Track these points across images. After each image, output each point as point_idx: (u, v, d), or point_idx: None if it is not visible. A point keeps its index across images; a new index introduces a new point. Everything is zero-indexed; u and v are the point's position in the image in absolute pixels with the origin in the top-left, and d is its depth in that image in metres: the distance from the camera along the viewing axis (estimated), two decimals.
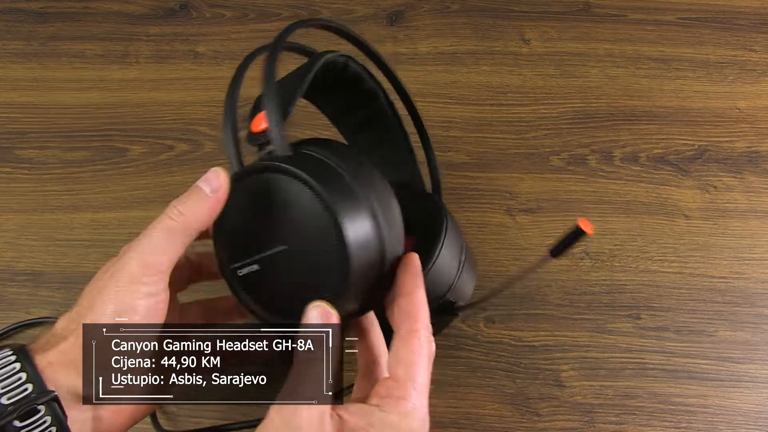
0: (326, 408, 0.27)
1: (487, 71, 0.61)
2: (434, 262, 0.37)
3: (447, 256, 0.37)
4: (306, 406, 0.27)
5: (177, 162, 0.55)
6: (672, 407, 0.45)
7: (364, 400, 0.29)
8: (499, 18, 0.64)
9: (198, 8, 0.65)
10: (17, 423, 0.25)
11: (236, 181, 0.30)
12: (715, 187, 0.54)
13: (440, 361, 0.45)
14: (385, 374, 0.33)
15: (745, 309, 0.49)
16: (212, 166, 0.54)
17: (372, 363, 0.33)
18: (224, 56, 0.61)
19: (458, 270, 0.38)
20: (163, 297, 0.29)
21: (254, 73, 0.33)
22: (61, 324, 0.28)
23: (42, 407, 0.26)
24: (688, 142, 0.57)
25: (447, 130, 0.57)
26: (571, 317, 0.48)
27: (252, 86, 0.34)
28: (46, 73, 0.60)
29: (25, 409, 0.25)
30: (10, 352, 0.27)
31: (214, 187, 0.30)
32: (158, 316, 0.29)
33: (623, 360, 0.46)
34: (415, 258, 0.31)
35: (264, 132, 0.30)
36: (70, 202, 0.53)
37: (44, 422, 0.26)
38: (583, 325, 0.48)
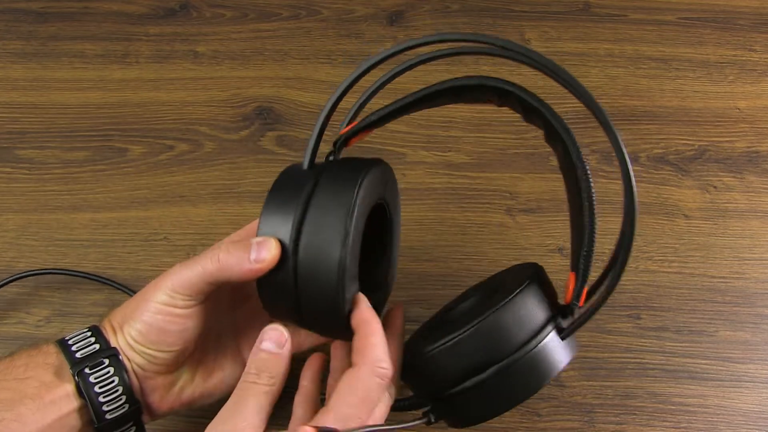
0: None
1: (487, 71, 0.61)
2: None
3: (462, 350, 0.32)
4: (239, 429, 0.29)
5: (177, 162, 0.55)
6: (672, 407, 0.45)
7: None
8: (499, 18, 0.64)
9: (198, 8, 0.65)
10: (87, 370, 0.32)
11: None
12: (715, 187, 0.54)
13: None
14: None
15: (745, 309, 0.49)
16: (212, 167, 0.54)
17: None
18: (224, 56, 0.61)
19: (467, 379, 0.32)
20: (185, 315, 0.34)
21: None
22: (117, 312, 0.35)
23: (106, 360, 0.32)
24: (688, 142, 0.57)
25: (447, 130, 0.57)
26: None
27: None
28: (46, 73, 0.60)
29: (93, 360, 0.32)
30: (86, 329, 0.34)
31: (259, 258, 0.31)
32: (180, 328, 0.34)
33: (623, 360, 0.46)
34: (360, 298, 0.33)
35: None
36: (70, 202, 0.53)
37: (108, 371, 0.32)
38: (583, 325, 0.48)
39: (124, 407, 0.32)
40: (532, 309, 0.33)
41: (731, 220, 0.53)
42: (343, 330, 0.32)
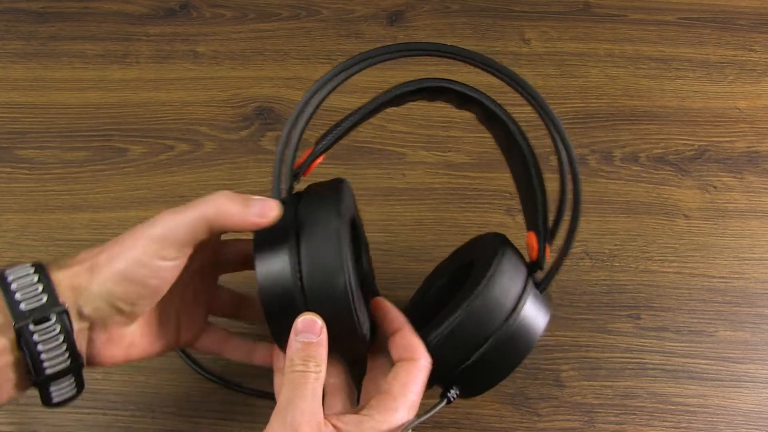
0: (322, 418, 0.31)
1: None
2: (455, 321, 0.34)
3: (471, 320, 0.34)
4: (306, 416, 0.30)
5: (177, 162, 0.55)
6: (672, 407, 0.45)
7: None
8: (499, 18, 0.64)
9: (198, 8, 0.65)
10: (32, 327, 0.29)
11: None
12: (715, 187, 0.54)
13: None
14: (354, 392, 0.37)
15: (745, 309, 0.49)
16: (212, 167, 0.54)
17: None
18: (224, 56, 0.61)
19: (481, 346, 0.34)
20: (169, 269, 0.32)
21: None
22: (85, 252, 0.32)
23: (53, 316, 0.29)
24: (688, 142, 0.57)
25: (447, 130, 0.57)
26: (571, 317, 0.48)
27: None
28: (46, 73, 0.60)
29: (39, 315, 0.29)
30: (29, 265, 0.30)
31: (263, 213, 0.32)
32: (159, 284, 0.32)
33: (623, 360, 0.46)
34: (382, 302, 0.36)
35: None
36: (70, 202, 0.53)
37: (53, 329, 0.30)
38: (583, 325, 0.48)
39: (65, 363, 0.31)
40: (512, 275, 0.35)
41: (731, 220, 0.53)
42: (363, 345, 0.34)
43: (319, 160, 0.35)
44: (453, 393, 0.36)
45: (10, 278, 0.30)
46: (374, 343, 0.36)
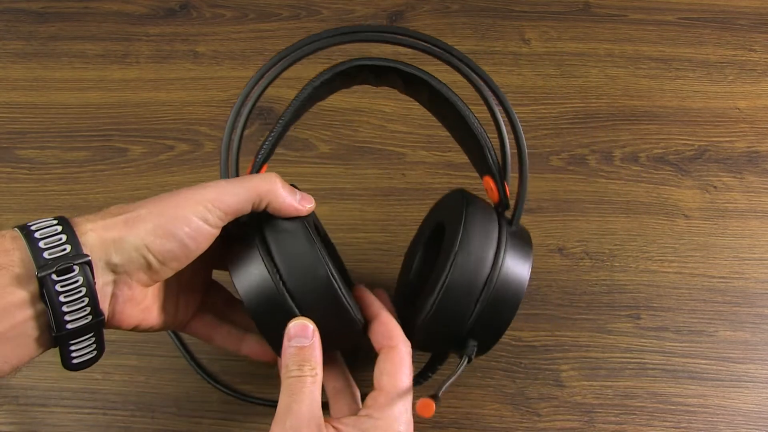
0: (322, 421, 0.31)
1: (487, 71, 0.60)
2: (444, 284, 0.34)
3: (459, 279, 0.34)
4: (305, 419, 0.31)
5: (177, 162, 0.55)
6: (672, 407, 0.45)
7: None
8: (499, 18, 0.64)
9: (198, 8, 0.65)
10: (54, 277, 0.28)
11: None
12: (715, 187, 0.54)
13: None
14: (357, 392, 0.38)
15: (745, 309, 0.49)
16: (212, 167, 0.54)
17: (347, 386, 0.38)
18: (224, 56, 0.61)
19: (476, 303, 0.34)
20: (208, 234, 0.32)
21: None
22: (116, 207, 0.32)
23: (76, 267, 0.29)
24: (688, 142, 0.57)
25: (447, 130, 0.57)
26: (571, 317, 0.48)
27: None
28: (46, 73, 0.60)
29: (62, 266, 0.28)
30: (52, 218, 0.30)
31: (305, 202, 0.34)
32: (194, 247, 0.32)
33: (623, 360, 0.46)
34: (362, 290, 0.37)
35: None
36: (70, 202, 0.53)
37: (76, 281, 0.29)
38: (583, 325, 0.48)
39: (87, 318, 0.30)
40: (483, 222, 0.36)
41: (731, 220, 0.53)
42: (358, 330, 0.34)
43: (265, 167, 0.35)
44: (471, 349, 0.35)
45: (33, 227, 0.29)
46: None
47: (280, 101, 0.58)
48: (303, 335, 0.32)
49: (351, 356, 0.40)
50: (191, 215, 0.31)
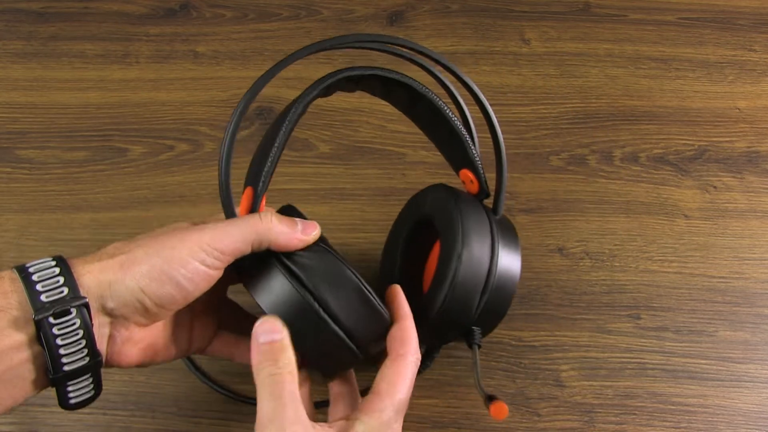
0: (308, 423, 0.31)
1: (487, 71, 0.61)
2: (451, 282, 0.36)
3: (467, 272, 0.36)
4: (292, 425, 0.30)
5: (177, 162, 0.55)
6: (672, 407, 0.45)
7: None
8: (499, 18, 0.64)
9: (198, 8, 0.65)
10: (51, 320, 0.28)
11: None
12: (715, 187, 0.54)
13: (440, 361, 0.45)
14: (358, 397, 0.36)
15: (745, 309, 0.49)
16: (212, 167, 0.54)
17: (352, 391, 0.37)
18: (224, 56, 0.61)
19: (482, 294, 0.37)
20: (206, 276, 0.32)
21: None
22: (113, 247, 0.32)
23: (74, 310, 0.29)
24: (688, 142, 0.57)
25: None
26: (571, 317, 0.48)
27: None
28: (46, 73, 0.60)
29: (60, 308, 0.28)
30: (50, 259, 0.30)
31: (307, 231, 0.33)
32: (191, 289, 0.32)
33: (623, 360, 0.46)
34: (397, 290, 0.36)
35: None
36: (70, 202, 0.53)
37: (74, 324, 0.29)
38: (583, 325, 0.48)
39: (84, 360, 0.30)
40: (476, 217, 0.38)
41: (731, 220, 0.53)
42: (385, 324, 0.35)
43: (264, 197, 0.35)
44: (478, 337, 0.37)
45: (31, 269, 0.29)
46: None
47: (279, 101, 0.58)
48: (273, 331, 0.31)
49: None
50: (188, 257, 0.31)
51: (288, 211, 0.36)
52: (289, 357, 0.31)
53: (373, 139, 0.56)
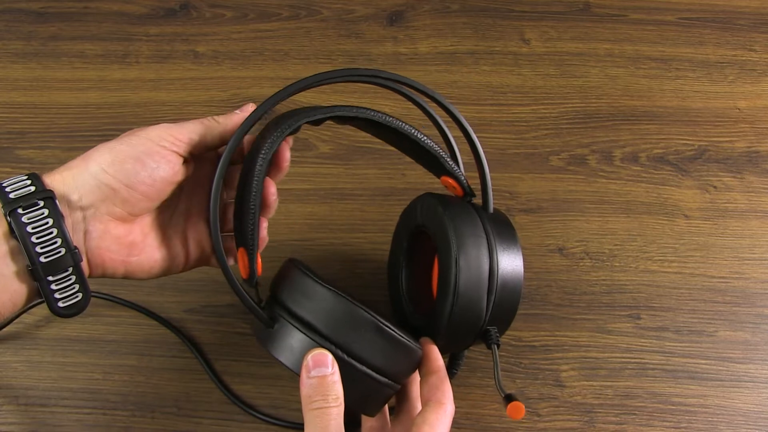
0: None
1: (487, 71, 0.61)
2: (454, 295, 0.36)
3: (467, 285, 0.36)
4: None
5: None
6: (672, 407, 0.45)
7: None
8: (499, 18, 0.64)
9: (198, 8, 0.65)
10: (20, 210, 0.30)
11: None
12: (715, 187, 0.54)
13: None
14: None
15: (745, 309, 0.49)
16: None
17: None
18: (224, 56, 0.61)
19: (489, 297, 0.37)
20: (167, 156, 0.34)
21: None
22: (73, 161, 0.33)
23: (40, 202, 0.31)
24: (688, 142, 0.57)
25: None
26: (571, 317, 0.48)
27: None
28: (46, 73, 0.60)
29: (27, 203, 0.30)
30: (23, 174, 0.32)
31: (243, 109, 0.38)
32: (154, 166, 0.33)
33: (623, 360, 0.46)
34: (425, 341, 0.37)
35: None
36: None
37: (42, 213, 0.31)
38: (583, 325, 0.48)
39: (59, 251, 0.31)
40: (468, 219, 0.38)
41: (731, 220, 0.53)
42: (416, 358, 0.36)
43: (259, 257, 0.35)
44: (495, 336, 0.37)
45: (4, 182, 0.32)
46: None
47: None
48: (323, 365, 0.32)
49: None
50: (146, 140, 0.33)
51: (291, 268, 0.35)
52: (338, 392, 0.32)
53: (373, 139, 0.56)
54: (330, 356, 0.32)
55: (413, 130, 0.38)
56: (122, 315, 0.48)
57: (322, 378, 0.32)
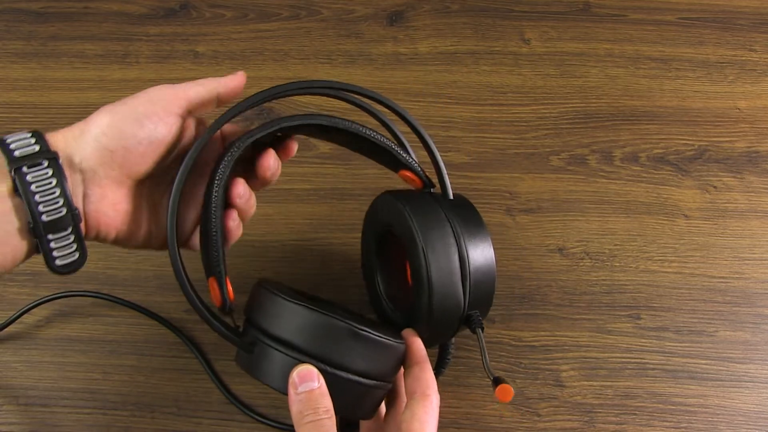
0: None
1: (487, 71, 0.61)
2: (429, 284, 0.36)
3: (439, 274, 0.36)
4: None
5: None
6: (672, 407, 0.45)
7: None
8: (499, 18, 0.64)
9: (198, 8, 0.65)
10: (25, 169, 0.31)
11: None
12: (715, 187, 0.54)
13: None
14: None
15: (745, 309, 0.49)
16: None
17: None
18: (224, 56, 0.61)
19: (464, 282, 0.37)
20: (164, 117, 0.34)
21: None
22: (76, 124, 0.34)
23: (45, 161, 0.31)
24: (688, 142, 0.57)
25: (447, 130, 0.57)
26: (571, 317, 0.48)
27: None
28: (46, 73, 0.60)
29: (32, 161, 0.31)
30: (26, 131, 0.33)
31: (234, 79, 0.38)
32: (151, 127, 0.34)
33: (623, 360, 0.46)
34: (408, 333, 0.37)
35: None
36: None
37: (46, 173, 0.31)
38: (583, 325, 0.48)
39: (61, 211, 0.32)
40: (429, 211, 0.38)
41: (731, 220, 0.53)
42: (401, 357, 0.36)
43: (228, 282, 0.35)
44: (478, 320, 0.37)
45: (8, 139, 0.32)
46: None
47: (280, 101, 0.58)
48: (310, 379, 0.32)
49: None
50: (145, 99, 0.34)
51: (265, 291, 0.35)
52: (327, 403, 0.33)
53: None
54: (315, 370, 0.33)
55: (364, 129, 0.39)
56: (122, 315, 0.48)
57: (310, 392, 0.32)
